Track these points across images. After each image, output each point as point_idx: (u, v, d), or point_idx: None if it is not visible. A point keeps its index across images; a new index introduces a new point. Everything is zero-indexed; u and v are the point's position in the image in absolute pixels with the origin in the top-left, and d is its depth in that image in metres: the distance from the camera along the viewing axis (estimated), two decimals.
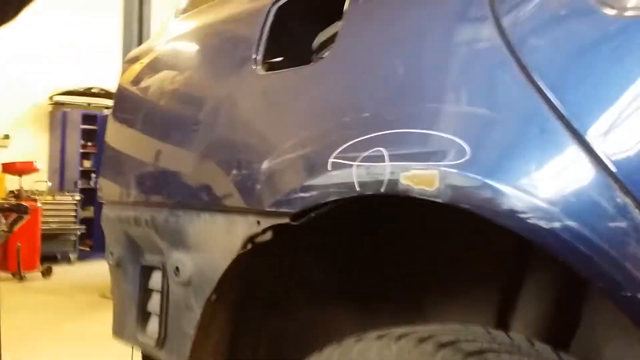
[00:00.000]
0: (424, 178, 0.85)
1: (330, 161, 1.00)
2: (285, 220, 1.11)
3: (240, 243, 1.21)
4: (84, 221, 9.37)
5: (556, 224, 0.71)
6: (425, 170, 0.84)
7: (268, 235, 1.16)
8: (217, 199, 1.31)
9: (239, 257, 1.22)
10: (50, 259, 8.45)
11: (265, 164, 1.17)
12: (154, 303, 1.54)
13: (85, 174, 9.93)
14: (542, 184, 0.74)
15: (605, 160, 0.68)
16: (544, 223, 0.72)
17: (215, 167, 1.33)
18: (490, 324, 1.19)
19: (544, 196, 0.73)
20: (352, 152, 0.97)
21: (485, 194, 0.78)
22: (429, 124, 0.88)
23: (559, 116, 0.73)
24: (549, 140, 0.74)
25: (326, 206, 1.03)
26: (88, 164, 9.94)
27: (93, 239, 9.37)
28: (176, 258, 1.41)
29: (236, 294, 1.37)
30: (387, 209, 1.13)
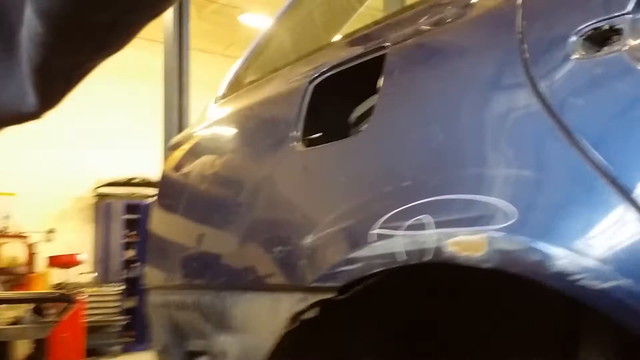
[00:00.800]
0: (472, 244, 0.84)
1: (374, 232, 1.00)
2: (331, 295, 1.10)
3: (286, 321, 1.19)
4: (127, 311, 9.38)
5: (609, 284, 0.69)
6: (473, 236, 0.83)
7: (314, 311, 1.15)
8: (262, 278, 1.31)
9: (286, 335, 1.21)
10: (95, 352, 8.43)
11: (308, 239, 1.17)
12: None
13: (128, 264, 10.02)
14: (592, 243, 0.72)
15: None
16: (596, 283, 0.70)
17: (258, 246, 1.34)
18: None
19: (594, 256, 0.71)
20: (396, 222, 0.96)
21: (535, 257, 0.76)
22: (473, 189, 0.88)
23: (604, 174, 0.72)
24: (595, 199, 0.73)
25: (372, 278, 1.01)
26: (131, 254, 10.05)
27: (136, 329, 9.35)
28: (222, 341, 1.40)
29: None
30: (438, 277, 1.11)
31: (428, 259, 0.90)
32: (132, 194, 10.32)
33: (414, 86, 1.09)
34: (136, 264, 9.94)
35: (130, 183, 10.18)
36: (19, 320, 4.84)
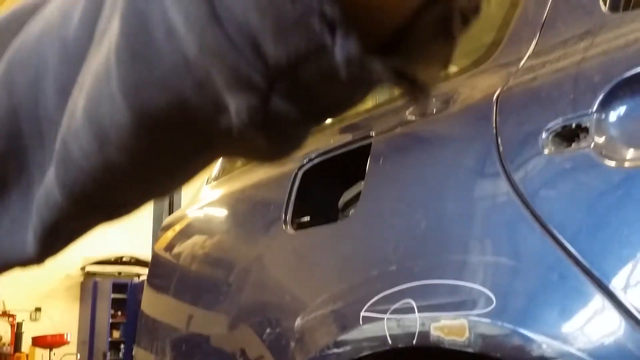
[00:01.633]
0: (454, 328, 0.87)
1: (361, 315, 1.03)
2: None
3: None
4: None
5: None
6: (455, 320, 0.87)
7: None
8: None
9: None
10: None
11: (298, 321, 1.19)
12: None
13: (114, 345, 9.81)
14: (568, 329, 0.76)
15: (625, 302, 0.71)
16: None
17: (248, 329, 1.35)
18: None
19: (571, 341, 0.75)
20: (382, 305, 1.00)
21: (515, 342, 0.80)
22: (454, 275, 0.92)
23: (577, 262, 0.77)
24: (569, 285, 0.77)
25: None
26: (117, 334, 9.86)
27: None
28: None
29: None
30: None
31: (415, 342, 0.93)
32: (121, 273, 10.21)
33: (398, 174, 1.14)
34: (121, 346, 9.71)
35: (119, 262, 10.09)
36: None
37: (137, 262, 9.28)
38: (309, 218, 1.36)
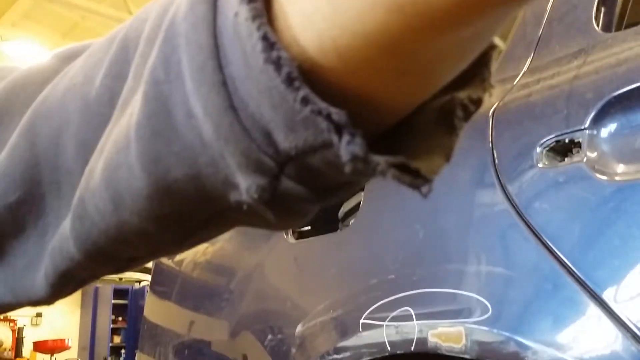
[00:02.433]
0: (451, 335, 0.90)
1: (361, 322, 1.06)
2: None
3: None
4: None
5: None
6: (452, 328, 0.90)
7: None
8: None
9: None
10: None
11: (299, 328, 1.22)
12: None
13: (115, 350, 9.81)
14: (562, 336, 0.79)
15: (616, 311, 0.74)
16: None
17: (250, 335, 1.38)
18: None
19: (564, 348, 0.77)
20: (381, 313, 1.02)
21: (510, 349, 0.82)
22: (451, 284, 0.95)
23: (570, 272, 0.80)
24: (562, 295, 0.80)
25: None
26: (118, 340, 9.86)
27: None
28: None
29: None
30: None
31: (413, 348, 0.95)
32: (122, 279, 10.20)
33: (397, 185, 1.17)
34: (122, 351, 9.72)
35: None
36: None
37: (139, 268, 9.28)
38: (309, 227, 1.38)
